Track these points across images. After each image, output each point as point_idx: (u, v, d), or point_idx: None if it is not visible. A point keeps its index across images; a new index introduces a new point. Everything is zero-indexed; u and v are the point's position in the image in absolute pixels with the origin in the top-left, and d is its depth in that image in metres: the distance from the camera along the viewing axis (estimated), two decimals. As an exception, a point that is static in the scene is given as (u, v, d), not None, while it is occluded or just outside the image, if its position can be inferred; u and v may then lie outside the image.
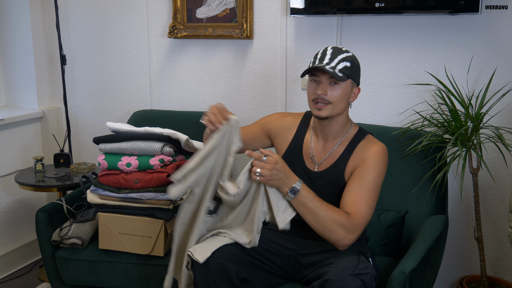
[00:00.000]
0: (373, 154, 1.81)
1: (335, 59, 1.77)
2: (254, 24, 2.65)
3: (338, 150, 1.87)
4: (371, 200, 1.76)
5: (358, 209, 1.73)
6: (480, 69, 2.33)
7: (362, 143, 1.86)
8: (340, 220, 1.69)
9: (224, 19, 2.68)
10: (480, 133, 2.16)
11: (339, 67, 1.75)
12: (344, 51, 1.80)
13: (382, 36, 2.46)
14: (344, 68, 1.76)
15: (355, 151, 1.84)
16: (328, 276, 1.62)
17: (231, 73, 2.75)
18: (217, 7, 2.68)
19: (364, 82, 2.49)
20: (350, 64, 1.77)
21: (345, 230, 1.70)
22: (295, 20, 2.58)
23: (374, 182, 1.78)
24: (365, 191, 1.76)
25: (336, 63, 1.76)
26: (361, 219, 1.72)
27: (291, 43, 2.61)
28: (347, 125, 1.89)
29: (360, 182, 1.78)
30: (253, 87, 2.73)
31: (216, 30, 2.69)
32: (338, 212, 1.72)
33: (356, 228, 1.71)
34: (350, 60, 1.78)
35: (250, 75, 2.72)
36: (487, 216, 2.44)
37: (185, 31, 2.74)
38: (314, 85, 1.80)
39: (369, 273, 1.66)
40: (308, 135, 1.95)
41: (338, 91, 1.77)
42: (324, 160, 1.88)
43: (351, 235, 1.71)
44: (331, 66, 1.75)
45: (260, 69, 2.69)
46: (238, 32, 2.65)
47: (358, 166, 1.81)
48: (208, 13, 2.71)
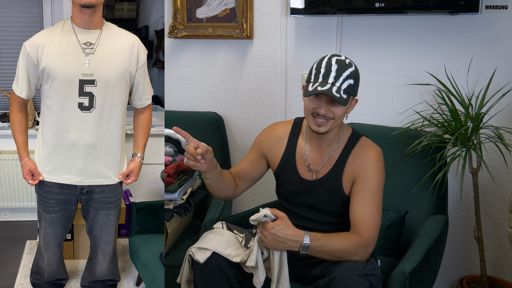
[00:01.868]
0: (372, 161, 1.78)
1: (341, 78, 1.68)
2: (254, 24, 2.65)
3: (334, 155, 1.83)
4: (378, 208, 1.74)
5: (369, 222, 1.71)
6: (480, 69, 2.33)
7: (357, 147, 1.82)
8: (355, 245, 1.67)
9: (224, 19, 2.68)
10: (480, 133, 2.16)
11: (344, 86, 1.68)
12: (348, 65, 1.70)
13: (382, 36, 2.46)
14: (348, 87, 1.69)
15: (351, 156, 1.81)
16: (335, 275, 1.60)
17: (231, 73, 2.75)
18: (217, 7, 2.68)
19: (364, 82, 2.49)
20: (353, 82, 1.70)
21: (362, 250, 1.68)
22: (295, 20, 2.58)
23: (378, 189, 1.76)
24: (372, 201, 1.73)
25: (341, 82, 1.68)
26: (374, 231, 1.71)
27: (291, 43, 2.61)
28: (340, 129, 1.84)
29: (365, 193, 1.74)
30: (253, 87, 2.73)
31: (216, 30, 2.69)
32: (350, 238, 1.68)
33: (371, 241, 1.70)
34: (354, 76, 1.70)
35: (250, 75, 2.72)
36: (487, 216, 2.44)
37: (185, 31, 2.74)
38: (314, 99, 1.72)
39: (376, 275, 1.64)
40: (301, 143, 1.89)
41: (340, 107, 1.72)
42: (321, 167, 1.84)
43: (366, 250, 1.69)
44: (337, 87, 1.67)
45: (260, 69, 2.69)
46: (238, 32, 2.65)
47: (358, 175, 1.78)
48: (208, 13, 2.71)
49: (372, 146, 1.83)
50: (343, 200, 1.81)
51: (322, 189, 1.83)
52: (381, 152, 1.82)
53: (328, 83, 1.68)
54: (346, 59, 1.73)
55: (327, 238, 1.66)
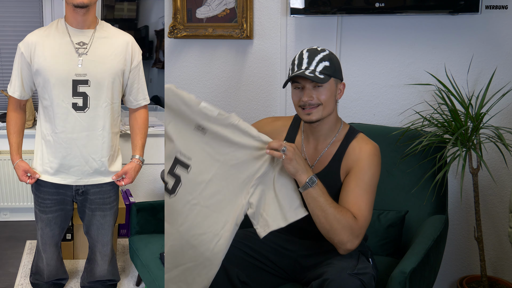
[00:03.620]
0: (367, 155, 1.77)
1: (313, 62, 1.73)
2: (254, 24, 2.65)
3: (330, 150, 1.84)
4: (369, 202, 1.73)
5: (360, 211, 1.70)
6: (480, 69, 2.33)
7: (354, 142, 1.82)
8: (348, 222, 1.66)
9: (224, 19, 2.68)
10: (480, 133, 2.16)
11: (318, 68, 1.72)
12: (320, 51, 1.76)
13: (382, 36, 2.46)
14: (324, 68, 1.73)
15: (348, 151, 1.81)
16: (327, 276, 1.61)
17: (231, 73, 2.75)
18: (217, 7, 2.69)
19: (364, 82, 2.49)
20: (329, 63, 1.74)
21: (350, 233, 1.66)
22: (295, 20, 2.58)
23: (370, 182, 1.75)
24: (363, 192, 1.73)
25: (315, 65, 1.73)
26: (364, 221, 1.69)
27: (291, 43, 2.61)
28: (337, 124, 1.85)
29: (356, 183, 1.74)
30: (253, 87, 2.73)
31: (216, 30, 2.69)
32: (346, 213, 1.68)
33: (361, 231, 1.68)
34: (328, 58, 1.75)
35: (250, 75, 2.72)
36: (487, 216, 2.44)
37: (185, 31, 2.74)
38: (298, 92, 1.77)
39: (368, 273, 1.65)
40: (299, 138, 1.91)
41: (324, 92, 1.74)
42: (317, 162, 1.85)
43: (355, 239, 1.68)
44: (311, 70, 1.72)
45: (260, 69, 2.69)
46: (238, 32, 2.65)
47: (352, 167, 1.78)
48: (208, 13, 2.71)
49: (368, 141, 1.83)
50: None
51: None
52: (377, 148, 1.82)
53: (301, 69, 1.73)
54: (318, 47, 1.79)
55: (329, 197, 1.67)
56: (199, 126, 1.74)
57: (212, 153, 1.74)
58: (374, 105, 2.54)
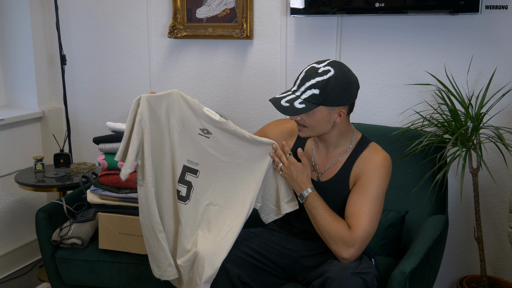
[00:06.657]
0: (375, 165, 1.76)
1: (302, 87, 1.68)
2: (254, 24, 2.65)
3: (341, 159, 1.83)
4: (372, 212, 1.71)
5: (358, 221, 1.69)
6: (480, 69, 2.33)
7: (366, 152, 1.81)
8: (339, 232, 1.68)
9: (224, 19, 2.68)
10: (480, 133, 2.16)
11: (304, 96, 1.68)
12: (319, 74, 1.67)
13: (382, 36, 2.46)
14: (311, 96, 1.67)
15: (358, 160, 1.80)
16: (329, 274, 1.61)
17: (231, 73, 2.75)
18: (217, 7, 2.69)
19: (364, 82, 2.49)
20: (319, 91, 1.65)
21: (342, 242, 1.68)
22: (295, 20, 2.58)
23: (375, 193, 1.73)
24: (366, 203, 1.72)
25: (302, 91, 1.68)
26: (361, 231, 1.68)
27: (291, 43, 2.61)
28: (349, 134, 1.83)
29: (360, 194, 1.74)
30: (253, 87, 2.73)
31: (216, 30, 2.69)
32: (338, 223, 1.70)
33: (355, 241, 1.68)
34: (321, 86, 1.66)
35: (250, 75, 2.72)
36: (487, 216, 2.44)
37: (185, 31, 2.74)
38: None
39: (370, 272, 1.65)
40: (309, 142, 1.91)
41: (307, 118, 1.72)
42: (327, 170, 1.85)
43: (350, 248, 1.68)
44: (296, 95, 1.69)
45: (260, 69, 2.69)
46: (238, 32, 2.65)
47: (360, 177, 1.78)
48: (208, 13, 2.71)
49: (380, 151, 1.82)
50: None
51: (328, 191, 1.83)
52: (387, 158, 1.80)
53: (290, 90, 1.73)
54: (322, 67, 1.68)
55: (323, 207, 1.75)
56: (204, 130, 1.82)
57: (217, 155, 1.84)
58: (374, 105, 2.54)
